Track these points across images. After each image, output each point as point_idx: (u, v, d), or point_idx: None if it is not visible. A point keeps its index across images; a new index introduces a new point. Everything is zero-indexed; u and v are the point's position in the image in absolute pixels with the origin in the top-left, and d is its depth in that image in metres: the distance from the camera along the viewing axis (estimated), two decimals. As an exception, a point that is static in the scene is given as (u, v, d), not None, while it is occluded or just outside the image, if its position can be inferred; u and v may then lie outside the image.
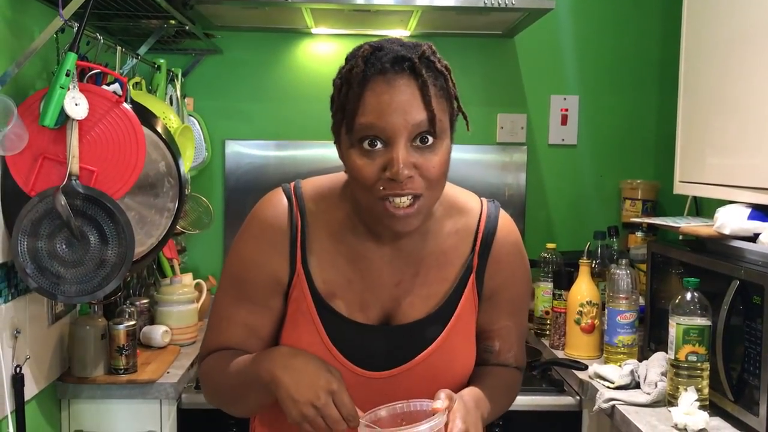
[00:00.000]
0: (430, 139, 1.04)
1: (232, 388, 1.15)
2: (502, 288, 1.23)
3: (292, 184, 1.21)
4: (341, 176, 1.19)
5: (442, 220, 1.19)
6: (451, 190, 1.20)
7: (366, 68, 1.03)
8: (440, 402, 1.03)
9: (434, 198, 1.09)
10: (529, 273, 1.29)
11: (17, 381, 1.62)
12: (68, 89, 1.53)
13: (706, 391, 1.64)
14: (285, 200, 1.17)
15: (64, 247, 1.59)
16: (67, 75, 1.52)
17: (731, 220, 1.70)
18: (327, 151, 2.50)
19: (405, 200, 1.04)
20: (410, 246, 1.17)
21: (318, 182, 1.21)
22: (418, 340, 1.17)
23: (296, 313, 1.16)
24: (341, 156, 1.10)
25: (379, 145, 1.03)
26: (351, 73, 1.04)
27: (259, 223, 1.17)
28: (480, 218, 1.21)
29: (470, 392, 1.14)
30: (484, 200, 1.24)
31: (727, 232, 1.70)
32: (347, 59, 1.08)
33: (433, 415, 1.02)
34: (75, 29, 1.58)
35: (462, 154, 2.55)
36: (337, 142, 1.11)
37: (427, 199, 1.07)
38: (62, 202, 1.53)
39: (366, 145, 1.04)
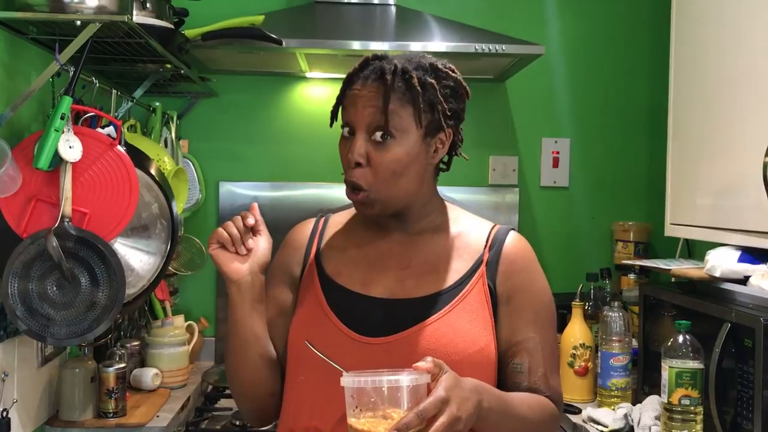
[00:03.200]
0: (386, 138, 1.17)
1: (228, 350, 1.25)
2: (521, 292, 1.22)
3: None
4: None
5: (457, 222, 1.29)
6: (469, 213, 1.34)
7: (354, 70, 1.22)
8: (423, 363, 1.01)
9: (384, 193, 1.19)
10: (549, 289, 1.27)
11: (3, 425, 1.59)
12: (63, 132, 1.54)
13: (700, 435, 1.63)
14: (314, 220, 1.36)
15: (54, 288, 1.58)
16: (62, 118, 1.53)
17: (721, 263, 1.71)
18: (321, 192, 2.51)
19: (350, 188, 1.19)
20: (420, 240, 1.26)
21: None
22: (418, 313, 1.18)
23: (304, 292, 1.27)
24: None
25: (351, 134, 1.20)
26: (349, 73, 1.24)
27: (287, 236, 1.35)
28: (493, 227, 1.29)
29: (473, 380, 1.07)
30: None
31: (717, 274, 1.71)
32: None
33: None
34: (71, 73, 1.60)
35: (455, 195, 2.56)
36: None
37: (374, 193, 1.18)
38: (54, 244, 1.53)
39: (346, 132, 1.22)
